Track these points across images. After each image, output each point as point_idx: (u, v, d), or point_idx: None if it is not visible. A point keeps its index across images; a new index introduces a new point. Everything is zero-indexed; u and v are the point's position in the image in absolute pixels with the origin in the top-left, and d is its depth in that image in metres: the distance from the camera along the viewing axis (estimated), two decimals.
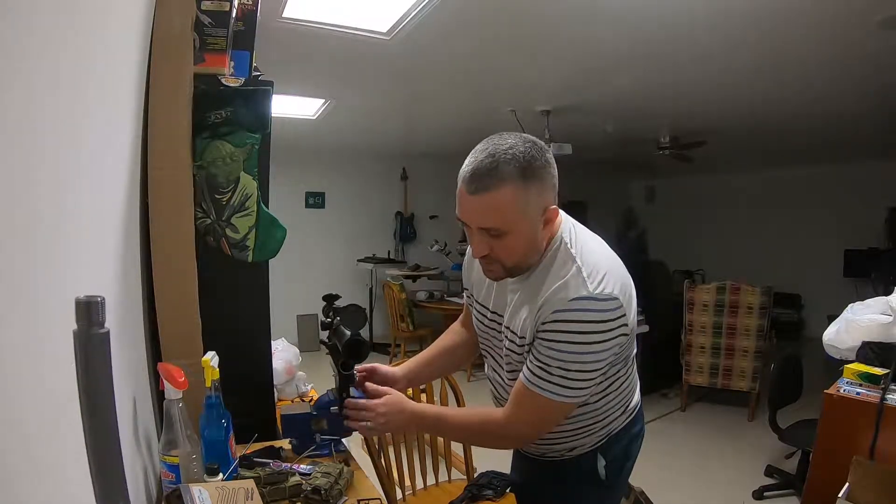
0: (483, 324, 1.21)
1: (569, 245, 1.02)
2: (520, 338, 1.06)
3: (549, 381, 0.98)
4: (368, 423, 1.12)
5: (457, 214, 1.01)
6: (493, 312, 1.16)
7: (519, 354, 1.07)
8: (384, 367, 1.30)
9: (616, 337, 0.96)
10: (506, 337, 1.11)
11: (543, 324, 0.98)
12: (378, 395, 1.14)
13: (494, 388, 1.25)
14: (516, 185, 0.92)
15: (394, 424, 1.15)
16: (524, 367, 1.03)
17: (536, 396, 1.00)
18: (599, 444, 1.18)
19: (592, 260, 0.99)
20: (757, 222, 7.30)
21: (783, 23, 2.45)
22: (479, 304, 1.22)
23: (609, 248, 1.07)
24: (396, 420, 1.13)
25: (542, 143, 0.99)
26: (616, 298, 0.95)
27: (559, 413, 1.05)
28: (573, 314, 0.94)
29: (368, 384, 1.18)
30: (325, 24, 2.55)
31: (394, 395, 1.15)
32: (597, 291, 0.94)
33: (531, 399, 1.01)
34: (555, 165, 0.99)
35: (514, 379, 1.09)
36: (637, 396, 1.24)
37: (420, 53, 2.97)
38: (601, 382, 1.05)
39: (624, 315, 0.96)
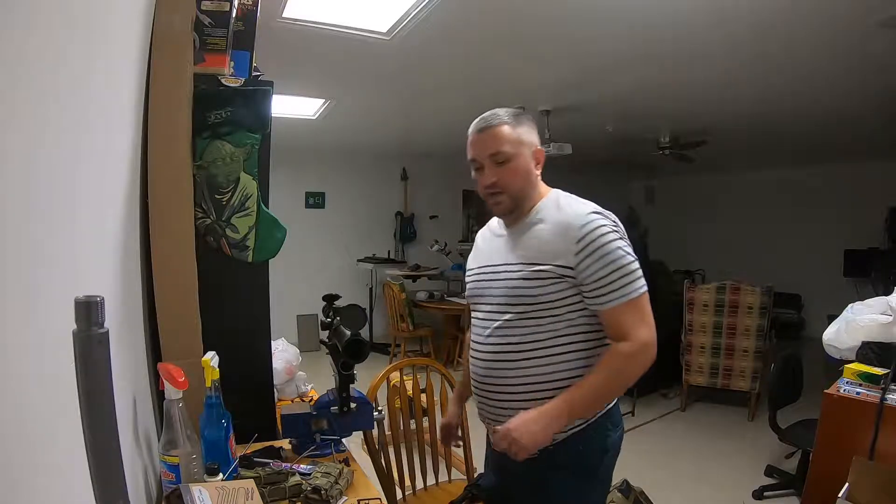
0: (478, 284, 1.33)
1: (563, 194, 1.30)
2: (526, 264, 1.21)
3: (623, 284, 1.15)
4: (517, 451, 1.12)
5: (469, 158, 1.29)
6: (488, 266, 1.32)
7: (522, 278, 1.21)
8: (450, 417, 1.54)
9: (626, 238, 1.20)
10: (500, 277, 1.26)
11: (578, 241, 1.16)
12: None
13: (476, 343, 1.30)
14: (510, 123, 1.25)
15: (539, 434, 1.13)
16: (598, 300, 1.16)
17: (628, 304, 1.15)
18: (577, 427, 1.21)
19: (583, 200, 1.27)
20: (757, 222, 7.30)
21: (783, 23, 2.45)
22: (476, 270, 1.36)
23: None
24: (534, 429, 1.12)
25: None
26: (609, 213, 1.22)
27: (649, 307, 1.19)
28: (596, 221, 1.17)
29: (497, 429, 1.17)
30: (325, 24, 2.55)
31: (518, 416, 1.15)
32: (597, 209, 1.22)
33: (629, 308, 1.16)
34: (535, 126, 1.31)
35: (512, 303, 1.21)
36: None
37: (420, 53, 2.97)
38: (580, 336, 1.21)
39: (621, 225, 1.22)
